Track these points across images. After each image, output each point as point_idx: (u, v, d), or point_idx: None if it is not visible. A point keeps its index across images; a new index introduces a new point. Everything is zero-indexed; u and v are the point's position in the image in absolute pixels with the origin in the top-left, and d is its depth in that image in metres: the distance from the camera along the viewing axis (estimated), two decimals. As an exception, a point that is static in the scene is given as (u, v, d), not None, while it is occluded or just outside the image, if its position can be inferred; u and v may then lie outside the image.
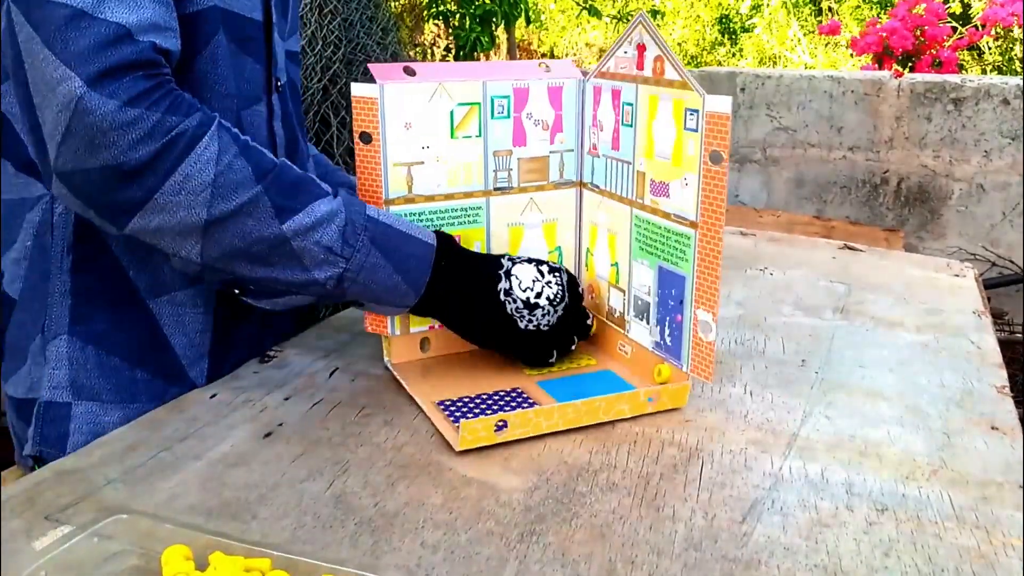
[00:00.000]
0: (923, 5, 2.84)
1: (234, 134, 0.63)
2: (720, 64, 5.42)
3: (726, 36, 5.64)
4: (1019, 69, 3.09)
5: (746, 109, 2.57)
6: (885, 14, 3.76)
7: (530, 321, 0.72)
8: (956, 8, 3.29)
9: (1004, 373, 0.77)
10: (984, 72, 3.17)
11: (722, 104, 0.62)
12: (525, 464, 0.61)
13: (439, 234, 0.72)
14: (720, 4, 5.74)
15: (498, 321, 0.72)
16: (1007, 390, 0.74)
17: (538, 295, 0.72)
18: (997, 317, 2.24)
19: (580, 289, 0.77)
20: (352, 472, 0.60)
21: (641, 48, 0.69)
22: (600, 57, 0.74)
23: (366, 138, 0.71)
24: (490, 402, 0.70)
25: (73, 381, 0.72)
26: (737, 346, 0.83)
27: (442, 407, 0.69)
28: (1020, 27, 2.93)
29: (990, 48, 3.15)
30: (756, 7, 5.53)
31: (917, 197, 2.44)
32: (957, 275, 1.06)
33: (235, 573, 0.47)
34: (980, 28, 3.03)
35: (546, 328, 0.73)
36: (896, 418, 0.69)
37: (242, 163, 0.62)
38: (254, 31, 0.74)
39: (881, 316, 0.91)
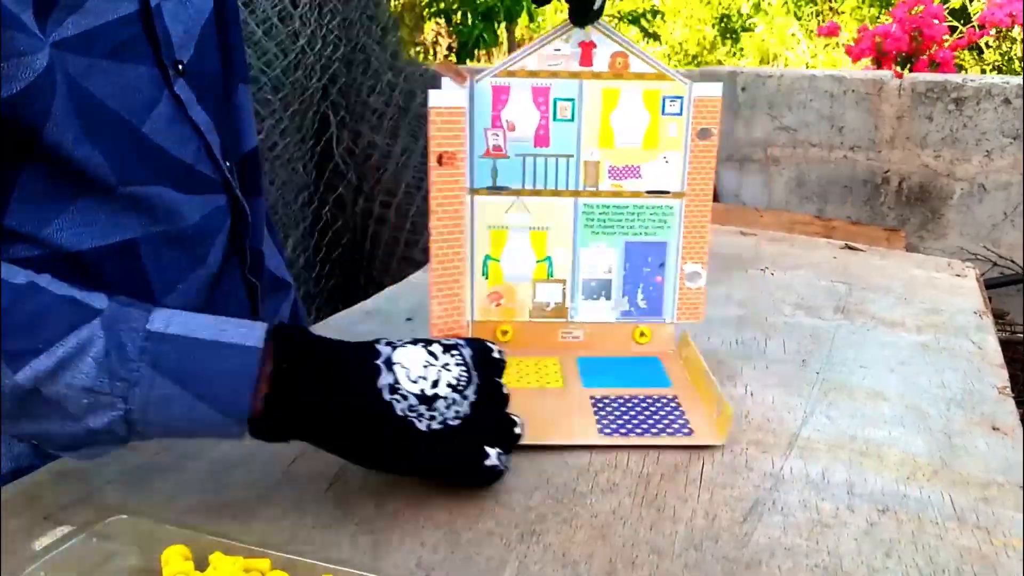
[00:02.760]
0: (921, 6, 2.84)
1: None
2: (720, 63, 5.42)
3: (727, 36, 5.64)
4: (1019, 69, 3.09)
5: (747, 109, 2.56)
6: (885, 13, 3.76)
7: (432, 419, 0.54)
8: (956, 3, 3.29)
9: (1005, 373, 0.77)
10: (984, 72, 3.17)
11: (712, 89, 0.72)
12: (525, 464, 0.61)
13: (282, 329, 0.54)
14: (720, 3, 5.74)
15: (388, 430, 0.54)
16: (1008, 390, 0.74)
17: (435, 383, 0.55)
18: (998, 317, 2.23)
19: (496, 353, 0.60)
20: (351, 472, 0.60)
21: (588, 45, 0.71)
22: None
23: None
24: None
25: (35, 449, 0.71)
26: (738, 346, 0.82)
27: None
28: (1020, 27, 2.93)
29: (990, 47, 3.15)
30: (757, 6, 5.53)
31: (918, 197, 2.44)
32: (958, 275, 1.06)
33: (235, 573, 0.47)
34: (979, 28, 3.03)
35: (457, 423, 0.55)
36: (897, 418, 0.69)
37: None
38: (128, 30, 0.64)
39: (882, 316, 0.91)
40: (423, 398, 0.54)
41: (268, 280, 0.87)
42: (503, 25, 3.92)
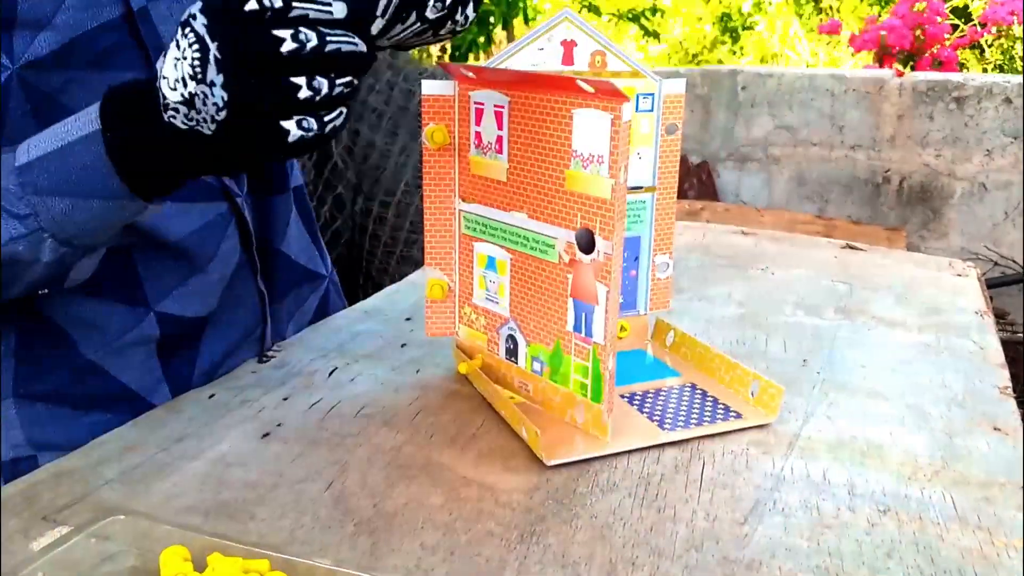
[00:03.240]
0: (923, 3, 2.83)
1: None
2: (721, 62, 5.41)
3: (727, 34, 5.64)
4: (1020, 68, 3.09)
5: (747, 108, 2.56)
6: (886, 11, 3.75)
7: (205, 121, 0.49)
8: (959, 2, 3.28)
9: (1007, 373, 0.77)
10: (985, 71, 3.16)
11: (677, 86, 0.72)
12: (525, 464, 0.61)
13: (107, 98, 0.55)
14: (721, 2, 5.73)
15: (186, 145, 0.52)
16: (1010, 391, 0.74)
17: (184, 82, 0.48)
18: (999, 317, 2.23)
19: (285, 32, 0.46)
20: (351, 473, 0.60)
21: (570, 44, 0.68)
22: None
23: None
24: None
25: (30, 439, 0.72)
26: (738, 346, 0.82)
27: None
28: (1020, 25, 2.93)
29: (991, 46, 3.14)
30: (758, 5, 5.53)
31: (919, 196, 2.44)
32: (959, 275, 1.06)
33: (234, 574, 0.47)
34: (981, 27, 3.03)
35: (223, 115, 0.48)
36: (898, 418, 0.68)
37: None
38: (110, 37, 0.62)
39: (883, 316, 0.90)
40: (187, 102, 0.49)
41: (298, 274, 0.86)
42: (499, 27, 3.92)
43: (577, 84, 0.59)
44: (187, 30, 0.48)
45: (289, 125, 0.48)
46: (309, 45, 0.46)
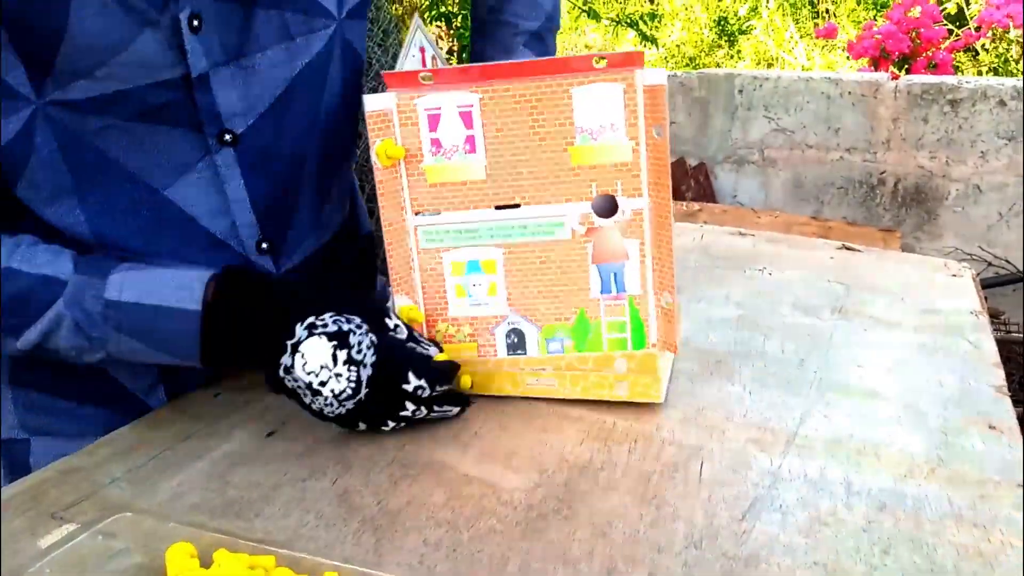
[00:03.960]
0: (918, 8, 2.85)
1: None
2: (718, 66, 5.43)
3: (724, 38, 5.65)
4: (1015, 71, 3.10)
5: (744, 110, 2.57)
6: (881, 16, 3.77)
7: (312, 403, 0.62)
8: (952, 9, 3.30)
9: (1002, 373, 0.78)
10: (980, 74, 3.18)
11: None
12: (526, 462, 0.62)
13: (227, 275, 0.63)
14: (718, 6, 5.75)
15: (284, 391, 0.63)
16: (1005, 390, 0.74)
17: (322, 383, 0.60)
18: (993, 317, 2.24)
19: (410, 384, 0.62)
20: (355, 470, 0.60)
21: (422, 50, 0.72)
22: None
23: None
24: None
25: (23, 423, 0.72)
26: (736, 346, 0.83)
27: None
28: (1016, 28, 2.95)
29: (986, 49, 3.16)
30: (754, 9, 5.54)
31: (914, 198, 2.45)
32: (955, 275, 1.07)
33: (239, 571, 0.47)
34: (976, 30, 3.04)
35: (332, 416, 0.62)
36: (894, 417, 0.69)
37: None
38: (166, 95, 0.62)
39: (879, 316, 0.91)
40: (310, 387, 0.61)
41: None
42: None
43: (577, 64, 0.62)
44: (353, 368, 0.61)
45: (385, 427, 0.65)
46: (423, 395, 0.64)
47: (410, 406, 0.63)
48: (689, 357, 0.80)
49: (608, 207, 0.65)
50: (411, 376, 0.63)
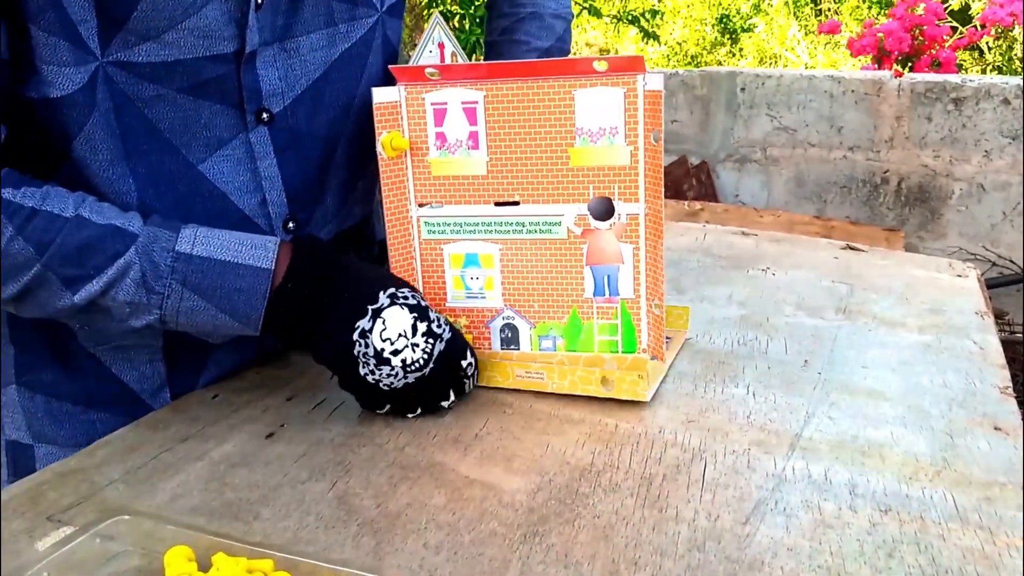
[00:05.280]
0: (922, 5, 2.84)
1: (14, 207, 0.58)
2: (720, 64, 5.42)
3: (726, 36, 5.64)
4: (1019, 69, 3.09)
5: (746, 109, 2.57)
6: (884, 14, 3.76)
7: (372, 372, 0.63)
8: (956, 5, 3.29)
9: (1007, 374, 0.77)
10: (984, 72, 3.17)
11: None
12: (528, 465, 0.61)
13: (300, 243, 0.65)
14: (720, 3, 5.74)
15: (342, 355, 0.63)
16: (1010, 391, 0.74)
17: (395, 352, 0.62)
18: (997, 317, 2.23)
19: (466, 361, 0.66)
20: (354, 473, 0.60)
21: (440, 46, 0.71)
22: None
23: None
24: None
25: (30, 426, 0.72)
26: (739, 346, 0.82)
27: None
28: (1020, 26, 2.94)
29: (990, 48, 3.15)
30: (756, 6, 5.54)
31: (917, 197, 2.44)
32: (959, 275, 1.06)
33: (238, 574, 0.47)
34: (980, 28, 3.03)
35: (386, 388, 0.64)
36: (899, 418, 0.69)
37: (20, 244, 0.58)
38: (217, 68, 0.64)
39: (883, 316, 0.91)
40: (378, 355, 0.62)
41: None
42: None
43: (580, 66, 0.62)
44: (430, 340, 0.64)
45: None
46: (470, 372, 0.68)
47: (451, 395, 0.67)
48: (692, 358, 0.79)
49: (604, 210, 0.66)
50: (468, 354, 0.67)
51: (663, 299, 0.67)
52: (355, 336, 0.62)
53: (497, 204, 0.68)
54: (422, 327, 0.63)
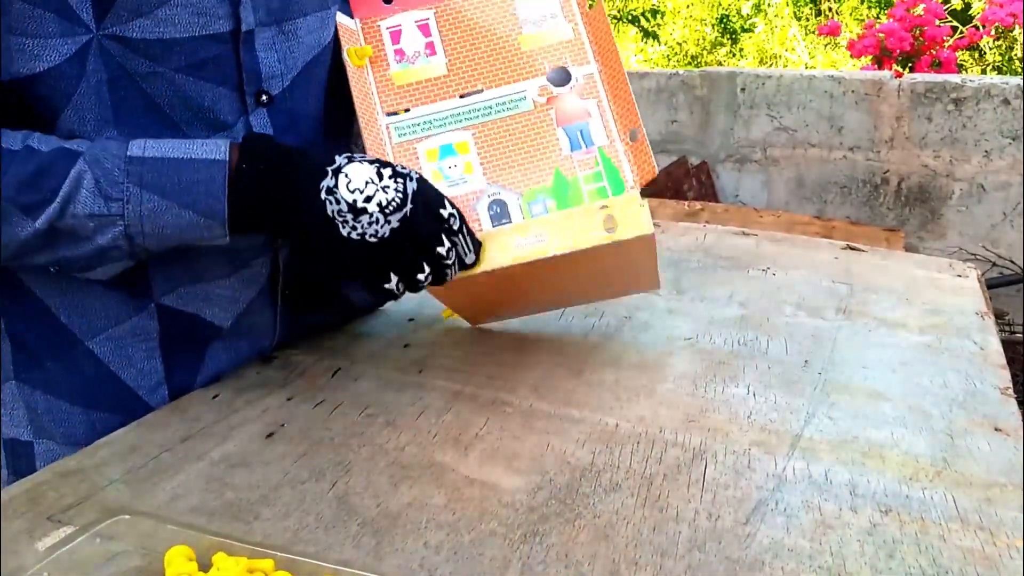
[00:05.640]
0: (922, 5, 2.84)
1: None
2: (720, 64, 5.42)
3: (726, 36, 5.64)
4: (1019, 69, 3.09)
5: (746, 109, 2.56)
6: (884, 14, 3.76)
7: (353, 228, 0.62)
8: (958, 5, 3.29)
9: (1007, 374, 0.77)
10: (984, 72, 3.17)
11: None
12: (528, 465, 0.61)
13: (249, 138, 0.64)
14: (720, 4, 5.74)
15: (316, 224, 0.62)
16: (1010, 391, 0.74)
17: (368, 199, 0.62)
18: (998, 317, 2.23)
19: (445, 210, 0.66)
20: (354, 473, 0.60)
21: None
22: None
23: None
24: None
25: (31, 421, 0.72)
26: (740, 347, 0.82)
27: None
28: (1020, 27, 2.94)
29: (991, 48, 3.15)
30: (757, 7, 5.53)
31: (917, 197, 2.44)
32: (960, 275, 1.06)
33: (238, 574, 0.47)
34: (980, 28, 3.03)
35: (374, 239, 0.62)
36: (899, 419, 0.69)
37: None
38: (214, 48, 0.65)
39: (884, 317, 0.91)
40: (352, 207, 0.62)
41: (329, 294, 0.85)
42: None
43: None
44: (400, 180, 0.63)
45: (394, 278, 0.64)
46: (455, 226, 0.66)
47: (445, 243, 0.65)
48: (692, 358, 0.79)
49: (562, 77, 0.73)
50: (446, 203, 0.66)
51: (640, 126, 0.72)
52: (323, 196, 0.61)
53: (462, 97, 0.73)
54: (387, 172, 0.63)
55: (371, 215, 0.62)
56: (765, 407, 0.70)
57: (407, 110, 0.73)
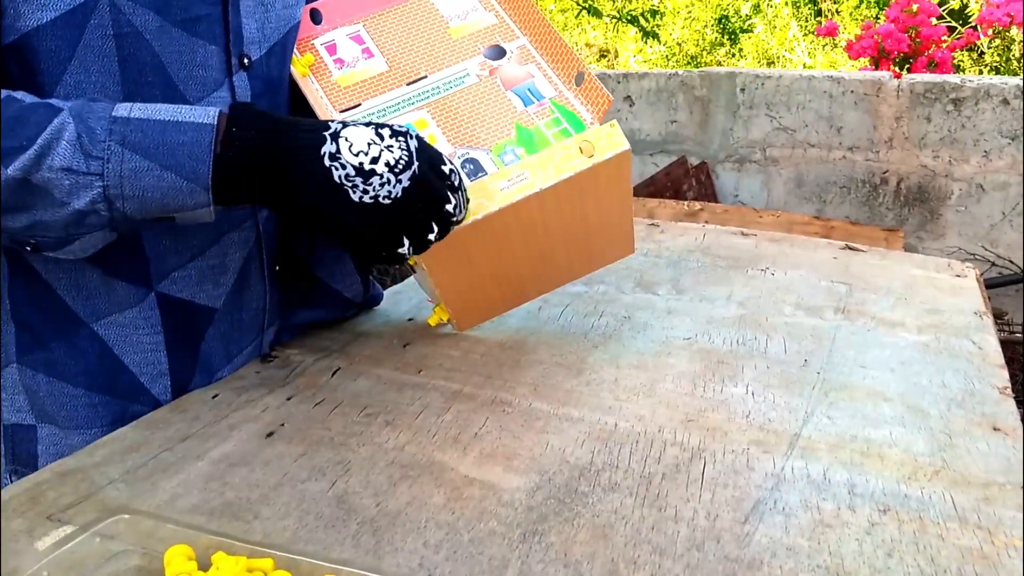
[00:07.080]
0: (915, 5, 2.84)
1: None
2: (720, 64, 5.42)
3: (726, 36, 5.64)
4: (1018, 69, 3.09)
5: (746, 109, 2.57)
6: (882, 15, 3.76)
7: (365, 191, 0.60)
8: (956, 4, 3.29)
9: (1006, 374, 0.77)
10: (983, 72, 3.17)
11: None
12: (527, 464, 0.61)
13: (236, 106, 0.62)
14: (720, 4, 5.74)
15: (327, 192, 0.61)
16: (1009, 391, 0.74)
17: (374, 160, 0.61)
18: (997, 317, 2.24)
19: (446, 167, 0.65)
20: (354, 472, 0.60)
21: None
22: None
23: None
24: None
25: (33, 406, 0.72)
26: (739, 346, 0.83)
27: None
28: (1018, 27, 2.94)
29: (989, 48, 3.15)
30: (757, 7, 5.54)
31: (916, 197, 2.44)
32: (959, 275, 1.06)
33: (238, 573, 0.47)
34: (977, 28, 3.03)
35: (387, 200, 0.61)
36: (898, 418, 0.69)
37: None
38: (205, 7, 0.66)
39: (883, 316, 0.91)
40: (360, 170, 0.61)
41: (318, 288, 0.85)
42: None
43: None
44: (402, 138, 0.63)
45: (406, 242, 0.64)
46: (456, 182, 0.66)
47: (451, 199, 0.65)
48: (691, 357, 0.80)
49: (497, 52, 0.80)
50: (445, 159, 0.66)
51: (584, 67, 0.76)
52: (326, 163, 0.60)
53: (409, 84, 0.77)
54: (385, 131, 0.63)
55: (381, 176, 0.61)
56: (764, 407, 0.70)
57: (358, 105, 0.76)
